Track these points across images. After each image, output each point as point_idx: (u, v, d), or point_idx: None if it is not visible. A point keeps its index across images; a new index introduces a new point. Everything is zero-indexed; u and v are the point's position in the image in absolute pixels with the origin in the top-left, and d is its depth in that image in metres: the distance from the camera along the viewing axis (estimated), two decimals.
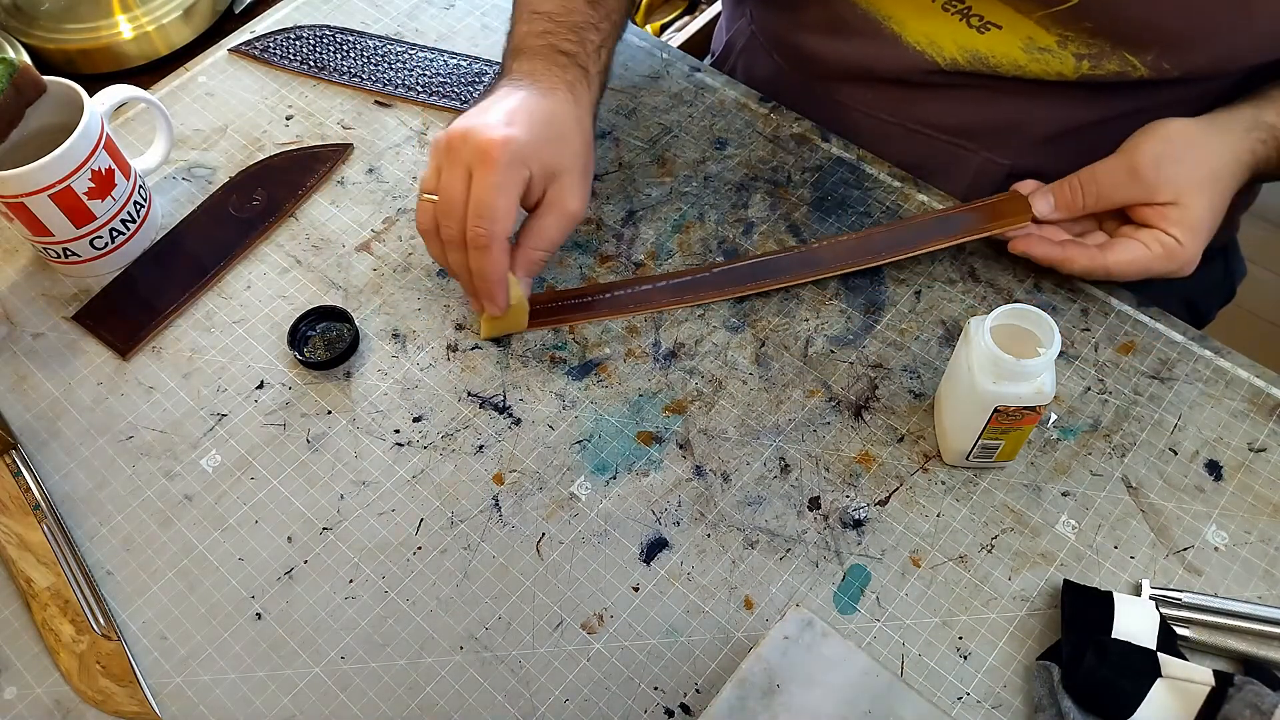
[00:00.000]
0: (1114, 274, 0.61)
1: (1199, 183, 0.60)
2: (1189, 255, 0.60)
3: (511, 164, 0.56)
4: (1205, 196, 0.60)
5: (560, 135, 0.60)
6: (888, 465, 0.60)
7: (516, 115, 0.58)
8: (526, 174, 0.57)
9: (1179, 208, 0.60)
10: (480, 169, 0.56)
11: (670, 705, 0.52)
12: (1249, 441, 0.60)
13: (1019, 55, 0.64)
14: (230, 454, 0.61)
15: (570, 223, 0.60)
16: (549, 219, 0.60)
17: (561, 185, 0.60)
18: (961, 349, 0.55)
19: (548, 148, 0.58)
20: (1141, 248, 0.60)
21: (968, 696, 0.52)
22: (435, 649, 0.54)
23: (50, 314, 0.67)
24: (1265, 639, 0.53)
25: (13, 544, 0.57)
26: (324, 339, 0.65)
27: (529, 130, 0.57)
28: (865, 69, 0.72)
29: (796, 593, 0.56)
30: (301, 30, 0.82)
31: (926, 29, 0.67)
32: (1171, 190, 0.60)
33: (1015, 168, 0.71)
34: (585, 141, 0.61)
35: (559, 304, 0.66)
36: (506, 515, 0.58)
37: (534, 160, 0.58)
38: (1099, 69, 0.63)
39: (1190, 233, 0.60)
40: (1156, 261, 0.60)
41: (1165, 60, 0.61)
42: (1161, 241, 0.60)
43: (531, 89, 0.61)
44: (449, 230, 0.58)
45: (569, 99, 0.61)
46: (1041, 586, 0.55)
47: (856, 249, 0.66)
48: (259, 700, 0.53)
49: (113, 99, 0.67)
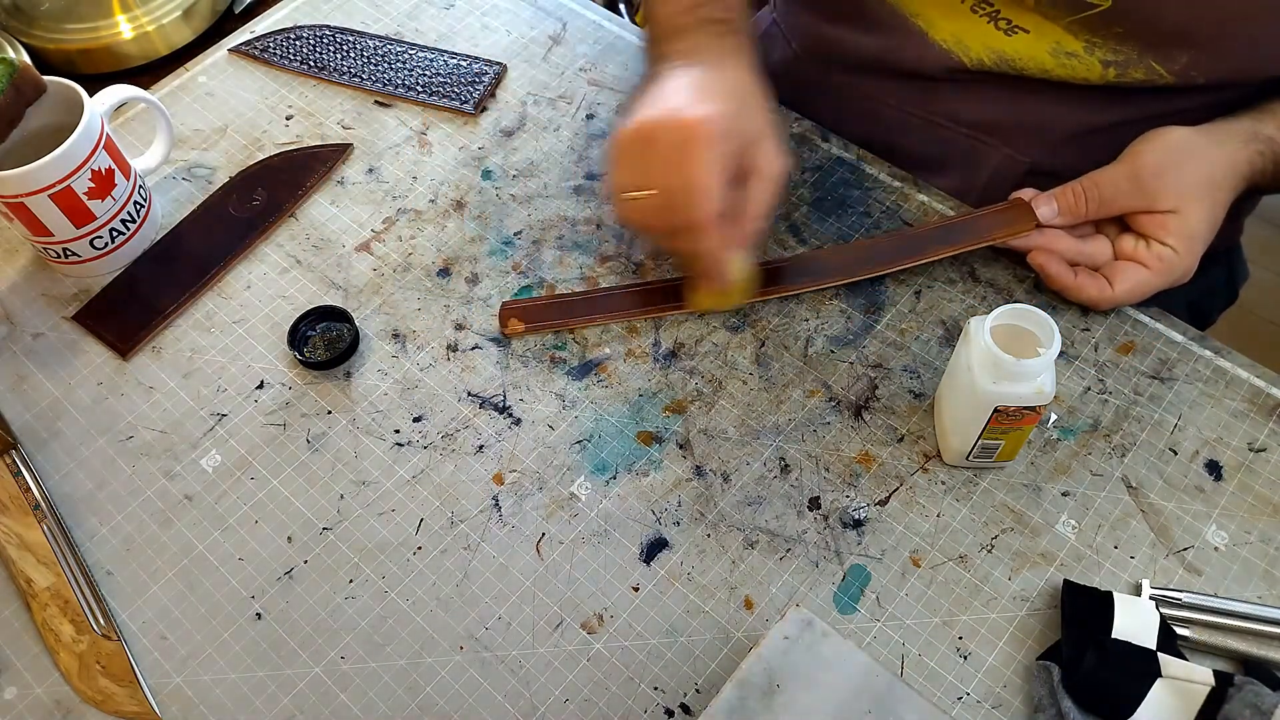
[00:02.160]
0: (1121, 303, 0.63)
1: (1198, 192, 0.60)
2: (1186, 265, 0.61)
3: (717, 141, 0.54)
4: (1203, 206, 0.60)
5: (747, 103, 0.59)
6: (888, 465, 0.60)
7: (702, 93, 0.57)
8: (730, 148, 0.56)
9: (1178, 217, 0.60)
10: (689, 152, 0.54)
11: (670, 705, 0.52)
12: (1249, 441, 0.60)
13: (1046, 59, 0.64)
14: (230, 454, 0.61)
15: (778, 186, 0.59)
16: (759, 187, 0.58)
17: (762, 151, 0.58)
18: (961, 349, 0.55)
19: (741, 118, 0.57)
20: (1143, 271, 0.61)
21: (968, 696, 0.52)
22: (435, 649, 0.54)
23: (50, 314, 0.67)
24: (1265, 639, 0.53)
25: (13, 544, 0.57)
26: (324, 339, 0.65)
27: (720, 105, 0.56)
28: (889, 64, 0.71)
29: (796, 593, 0.56)
30: (301, 30, 0.82)
31: (954, 29, 0.67)
32: (1172, 198, 0.60)
33: (1036, 165, 0.71)
34: (767, 103, 0.60)
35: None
36: (506, 515, 0.58)
37: (734, 134, 0.56)
38: (1125, 76, 0.63)
39: (1187, 242, 0.60)
40: (1158, 278, 0.61)
41: (1194, 68, 0.62)
42: (1160, 256, 0.61)
43: (702, 66, 0.59)
44: (670, 221, 0.56)
45: (740, 65, 0.60)
46: (1041, 586, 0.55)
47: (861, 258, 0.66)
48: (259, 700, 0.53)
49: (113, 99, 0.67)
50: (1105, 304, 0.63)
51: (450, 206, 0.72)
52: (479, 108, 0.77)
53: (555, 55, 0.80)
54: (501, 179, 0.73)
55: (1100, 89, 0.65)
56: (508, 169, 0.73)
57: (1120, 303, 0.63)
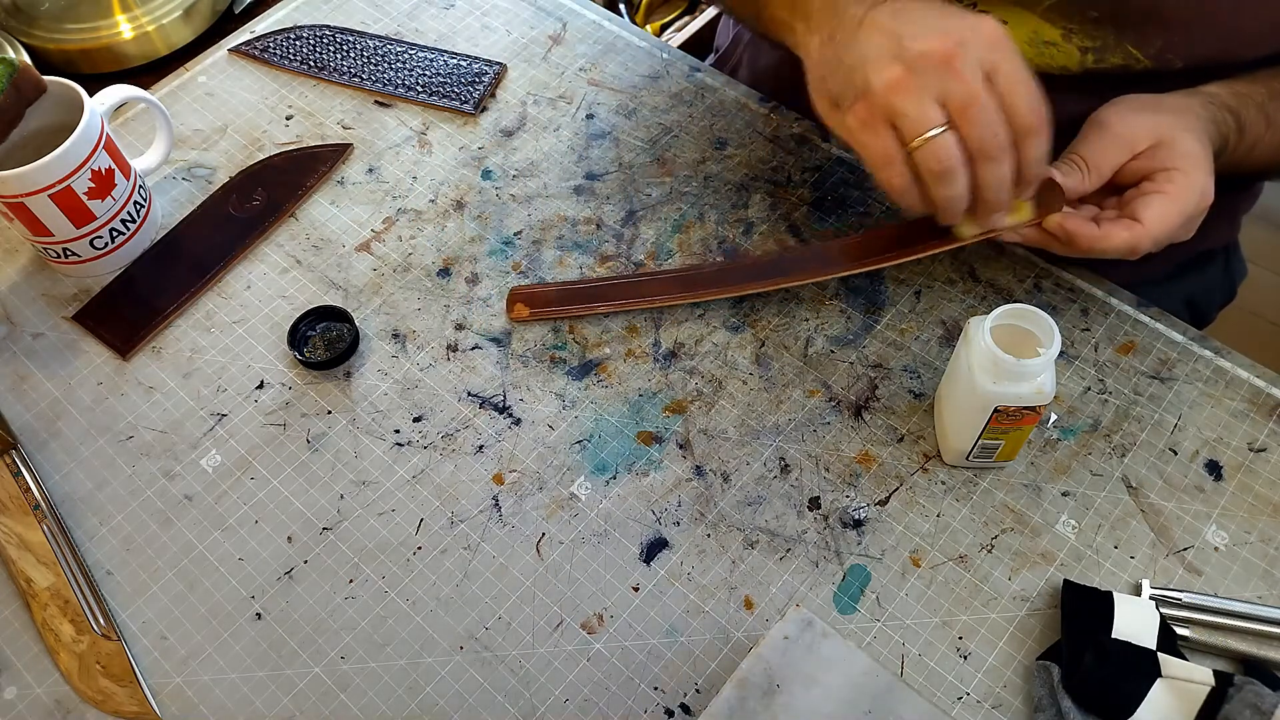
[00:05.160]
0: (1155, 239, 0.57)
1: (1170, 121, 0.58)
2: (1200, 183, 0.57)
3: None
4: (1183, 129, 0.58)
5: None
6: (888, 465, 0.60)
7: (952, 10, 0.53)
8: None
9: (1165, 146, 0.57)
10: (1004, 59, 0.51)
11: (670, 705, 0.52)
12: (1249, 441, 0.60)
13: (1025, 50, 0.64)
14: (230, 454, 0.61)
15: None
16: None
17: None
18: (961, 349, 0.55)
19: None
20: (1161, 197, 0.57)
21: (968, 696, 0.52)
22: (435, 649, 0.54)
23: (50, 314, 0.67)
24: (1265, 639, 0.53)
25: (13, 544, 0.57)
26: (324, 339, 0.65)
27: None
28: None
29: (796, 593, 0.56)
30: (301, 30, 0.82)
31: None
32: (1146, 132, 0.58)
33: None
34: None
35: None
36: (506, 515, 0.58)
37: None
38: (1103, 62, 0.63)
39: (1188, 159, 0.57)
40: (1179, 200, 0.57)
41: (1170, 51, 0.61)
42: (1170, 179, 0.57)
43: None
44: (997, 138, 0.52)
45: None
46: (1041, 586, 0.55)
47: (890, 242, 0.64)
48: (259, 700, 0.53)
49: (113, 99, 0.67)
50: (1139, 241, 0.57)
51: (450, 206, 0.72)
52: (479, 108, 0.77)
53: (555, 55, 0.80)
54: (501, 179, 0.73)
55: (1080, 78, 0.65)
56: (508, 169, 0.73)
57: (1153, 236, 0.57)
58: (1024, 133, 0.53)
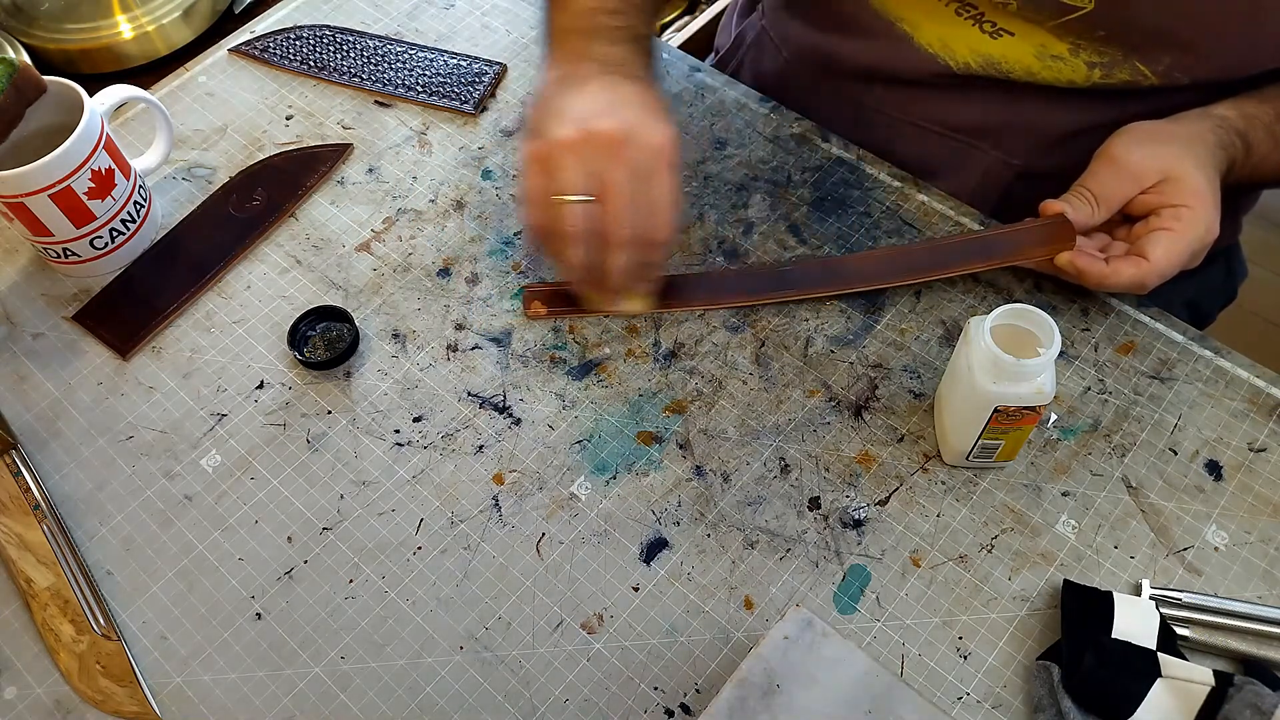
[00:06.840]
0: (1162, 273, 0.59)
1: (1178, 153, 0.60)
2: (1206, 218, 0.59)
3: (678, 164, 0.55)
4: (1191, 164, 0.59)
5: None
6: (888, 465, 0.60)
7: (651, 110, 0.56)
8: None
9: (1172, 181, 0.59)
10: (660, 170, 0.54)
11: (670, 705, 0.52)
12: (1249, 441, 0.60)
13: (1032, 62, 0.65)
14: (230, 454, 0.61)
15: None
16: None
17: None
18: (961, 349, 0.55)
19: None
20: (1168, 234, 0.59)
21: (968, 696, 0.52)
22: (435, 649, 0.54)
23: (50, 314, 0.67)
24: (1265, 639, 0.53)
25: (13, 544, 0.57)
26: (324, 339, 0.65)
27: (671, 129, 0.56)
28: (878, 70, 0.72)
29: (796, 593, 0.56)
30: (301, 30, 0.82)
31: (939, 33, 0.67)
32: (1155, 167, 0.59)
33: (1026, 168, 0.71)
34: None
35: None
36: (506, 515, 0.58)
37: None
38: (1110, 78, 0.63)
39: (1194, 196, 0.58)
40: (1184, 237, 0.58)
41: (1177, 69, 0.62)
42: (1177, 215, 0.59)
43: (629, 80, 0.58)
44: (620, 233, 0.55)
45: (655, 85, 0.59)
46: (1041, 586, 0.55)
47: (896, 265, 0.65)
48: (259, 700, 0.53)
49: (113, 99, 0.67)
50: (1146, 278, 0.59)
51: (450, 206, 0.72)
52: (479, 108, 0.77)
53: None
54: (502, 179, 0.73)
55: (1087, 91, 0.65)
56: (508, 169, 0.73)
57: (1160, 272, 0.59)
58: (648, 240, 0.56)
